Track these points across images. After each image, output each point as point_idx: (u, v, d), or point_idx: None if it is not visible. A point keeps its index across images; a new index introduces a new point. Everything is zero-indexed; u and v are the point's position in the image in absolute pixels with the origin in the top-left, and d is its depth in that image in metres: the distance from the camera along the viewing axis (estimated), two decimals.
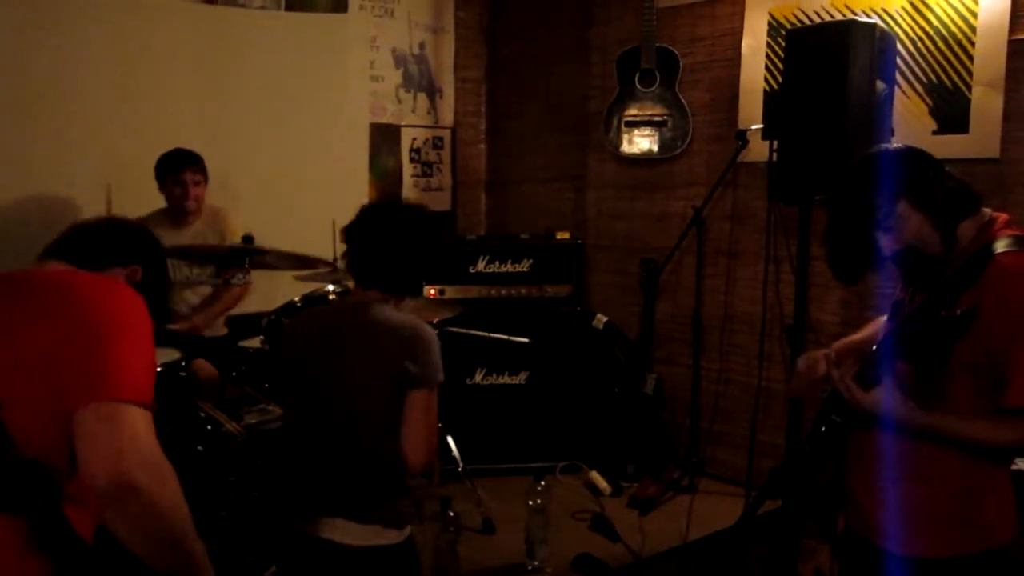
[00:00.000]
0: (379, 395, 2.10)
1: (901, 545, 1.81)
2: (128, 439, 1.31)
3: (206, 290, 3.84)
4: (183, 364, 3.12)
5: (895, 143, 1.94)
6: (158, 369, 2.97)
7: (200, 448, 2.89)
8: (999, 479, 1.82)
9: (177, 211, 3.73)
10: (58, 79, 3.69)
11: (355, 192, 4.75)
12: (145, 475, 1.30)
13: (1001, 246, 1.71)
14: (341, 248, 3.39)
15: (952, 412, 1.74)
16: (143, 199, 3.72)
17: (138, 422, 1.34)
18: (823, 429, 1.94)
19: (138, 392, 1.36)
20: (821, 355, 2.04)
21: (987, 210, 1.81)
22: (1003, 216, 1.80)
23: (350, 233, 2.26)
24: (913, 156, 1.82)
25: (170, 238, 3.68)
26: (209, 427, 2.95)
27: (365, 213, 2.27)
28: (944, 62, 3.40)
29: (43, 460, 1.32)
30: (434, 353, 2.13)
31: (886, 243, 1.79)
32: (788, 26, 3.75)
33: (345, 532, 2.07)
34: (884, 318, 2.08)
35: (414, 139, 5.01)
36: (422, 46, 4.99)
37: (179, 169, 3.67)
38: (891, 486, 1.82)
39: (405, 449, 2.08)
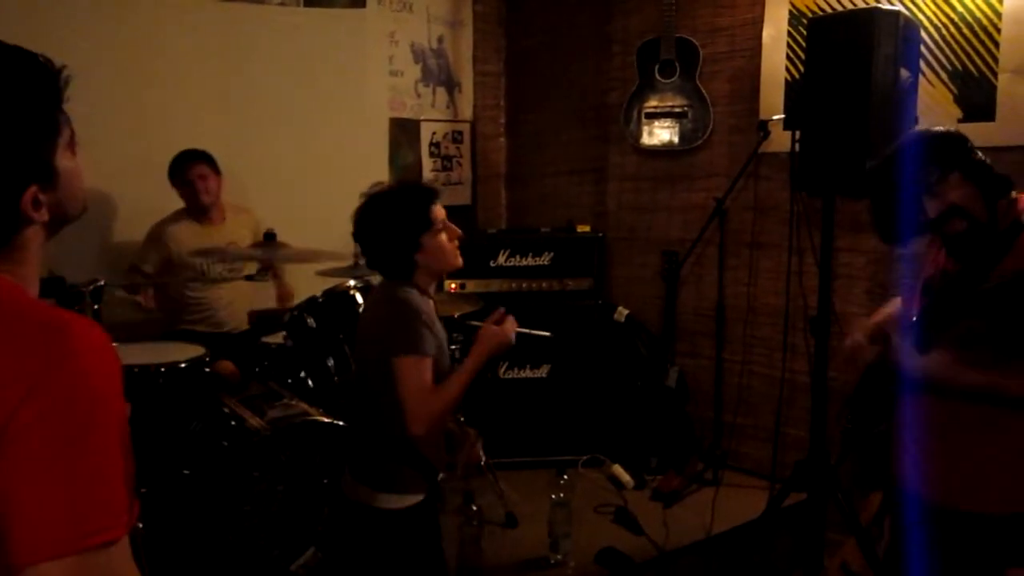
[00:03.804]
0: (373, 364, 2.25)
1: (976, 504, 1.96)
2: None
3: (243, 286, 3.87)
4: (207, 360, 3.15)
5: (936, 127, 2.13)
6: (182, 365, 3.03)
7: (224, 443, 2.92)
8: None
9: (196, 209, 3.75)
10: (72, 77, 3.69)
11: None
12: None
13: None
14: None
15: (1008, 372, 1.89)
16: (161, 199, 3.75)
17: (112, 568, 0.97)
18: (882, 427, 2.16)
19: (112, 526, 0.97)
20: (863, 337, 2.25)
21: (1013, 192, 2.01)
22: None
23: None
24: (963, 138, 2.02)
25: (201, 237, 3.72)
26: (233, 423, 2.97)
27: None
28: (969, 49, 3.35)
29: None
30: (407, 322, 2.19)
31: (932, 207, 1.95)
32: (809, 15, 3.71)
33: (353, 490, 2.30)
34: (897, 300, 2.35)
35: (433, 133, 5.02)
36: (440, 40, 4.99)
37: (183, 167, 3.70)
38: (956, 447, 1.98)
39: (405, 417, 2.16)
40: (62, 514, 0.93)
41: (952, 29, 3.39)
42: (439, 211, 2.31)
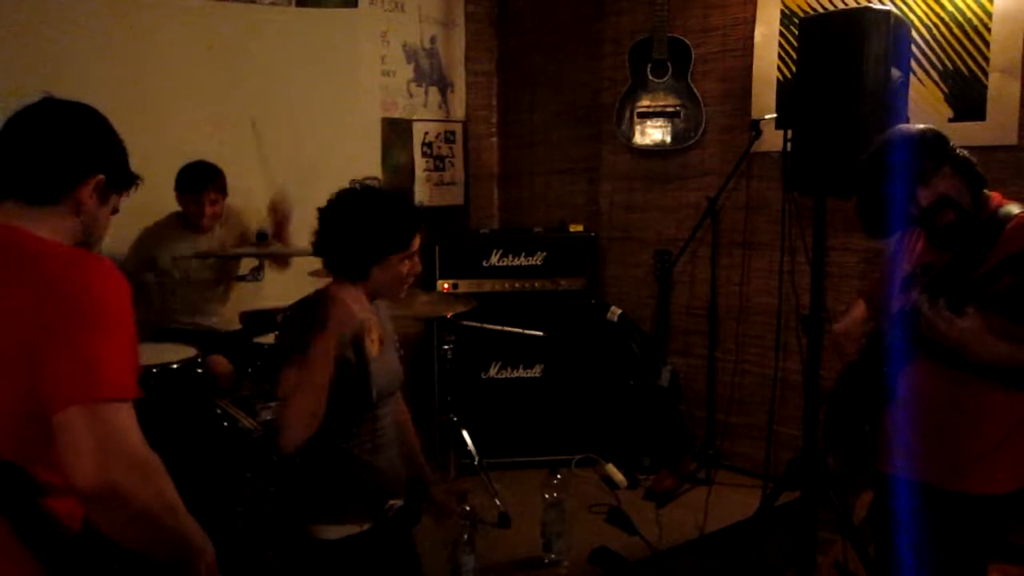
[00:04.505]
0: None
1: (970, 484, 2.01)
2: (110, 441, 1.26)
3: (234, 286, 3.86)
4: (199, 360, 3.14)
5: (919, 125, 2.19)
6: (175, 366, 3.02)
7: (217, 444, 2.91)
8: None
9: (193, 226, 3.73)
10: (64, 78, 3.63)
11: None
12: (129, 478, 1.25)
13: (1015, 208, 2.02)
14: None
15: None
16: (155, 201, 3.72)
17: (121, 420, 1.28)
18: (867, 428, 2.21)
19: (121, 387, 1.30)
20: (853, 323, 2.37)
21: (986, 189, 2.10)
22: (996, 194, 2.10)
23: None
24: (946, 138, 2.09)
25: (189, 244, 3.70)
26: (225, 423, 2.96)
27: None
28: (960, 48, 3.36)
29: (16, 459, 1.28)
30: (295, 323, 2.07)
31: (924, 195, 2.01)
32: (801, 14, 3.72)
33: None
34: (861, 303, 2.44)
35: (426, 133, 5.01)
36: (433, 40, 4.98)
37: (198, 188, 3.64)
38: (953, 426, 2.03)
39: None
40: (82, 377, 1.27)
41: (943, 28, 3.40)
42: (417, 240, 2.20)
